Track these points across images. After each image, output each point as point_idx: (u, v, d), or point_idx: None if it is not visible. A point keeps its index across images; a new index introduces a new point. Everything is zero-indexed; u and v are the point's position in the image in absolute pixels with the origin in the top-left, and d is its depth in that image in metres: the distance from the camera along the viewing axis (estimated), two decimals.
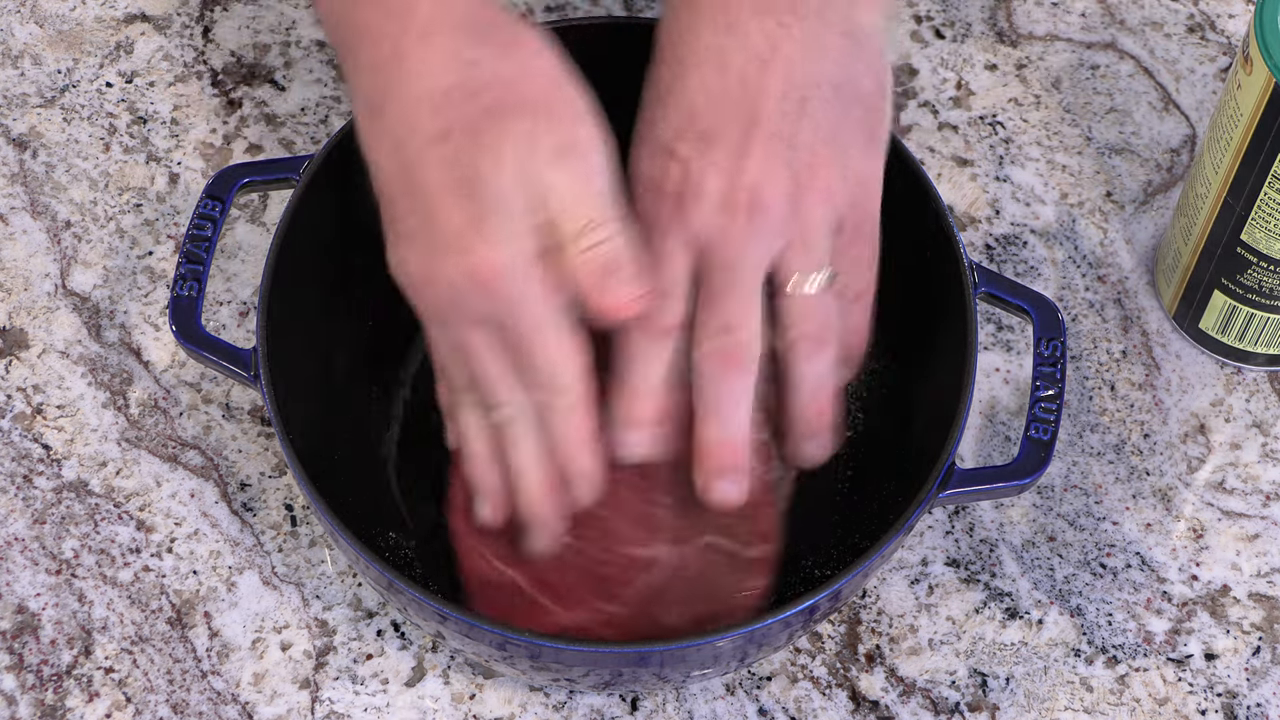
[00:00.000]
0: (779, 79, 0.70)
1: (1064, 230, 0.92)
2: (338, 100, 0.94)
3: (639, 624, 0.76)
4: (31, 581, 0.82)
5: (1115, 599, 0.83)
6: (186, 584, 0.82)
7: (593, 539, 0.75)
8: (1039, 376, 0.75)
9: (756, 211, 0.69)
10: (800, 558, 0.80)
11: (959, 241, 0.77)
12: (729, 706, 0.80)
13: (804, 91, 0.70)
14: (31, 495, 0.84)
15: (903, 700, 0.80)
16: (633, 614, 0.76)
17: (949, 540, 0.84)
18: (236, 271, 0.89)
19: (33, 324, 0.88)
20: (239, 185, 0.79)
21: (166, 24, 0.96)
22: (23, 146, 0.92)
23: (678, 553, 0.76)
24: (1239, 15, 0.98)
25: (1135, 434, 0.87)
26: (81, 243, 0.90)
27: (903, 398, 0.82)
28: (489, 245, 0.67)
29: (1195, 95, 0.96)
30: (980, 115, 0.95)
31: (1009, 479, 0.74)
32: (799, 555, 0.80)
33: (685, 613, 0.76)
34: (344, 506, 0.73)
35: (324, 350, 0.81)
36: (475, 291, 0.68)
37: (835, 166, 0.70)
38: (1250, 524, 0.85)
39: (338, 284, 0.81)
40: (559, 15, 0.97)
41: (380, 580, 0.72)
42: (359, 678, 0.80)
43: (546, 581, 0.76)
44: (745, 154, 0.70)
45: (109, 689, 0.80)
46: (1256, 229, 0.81)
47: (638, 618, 0.76)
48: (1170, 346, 0.89)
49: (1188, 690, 0.81)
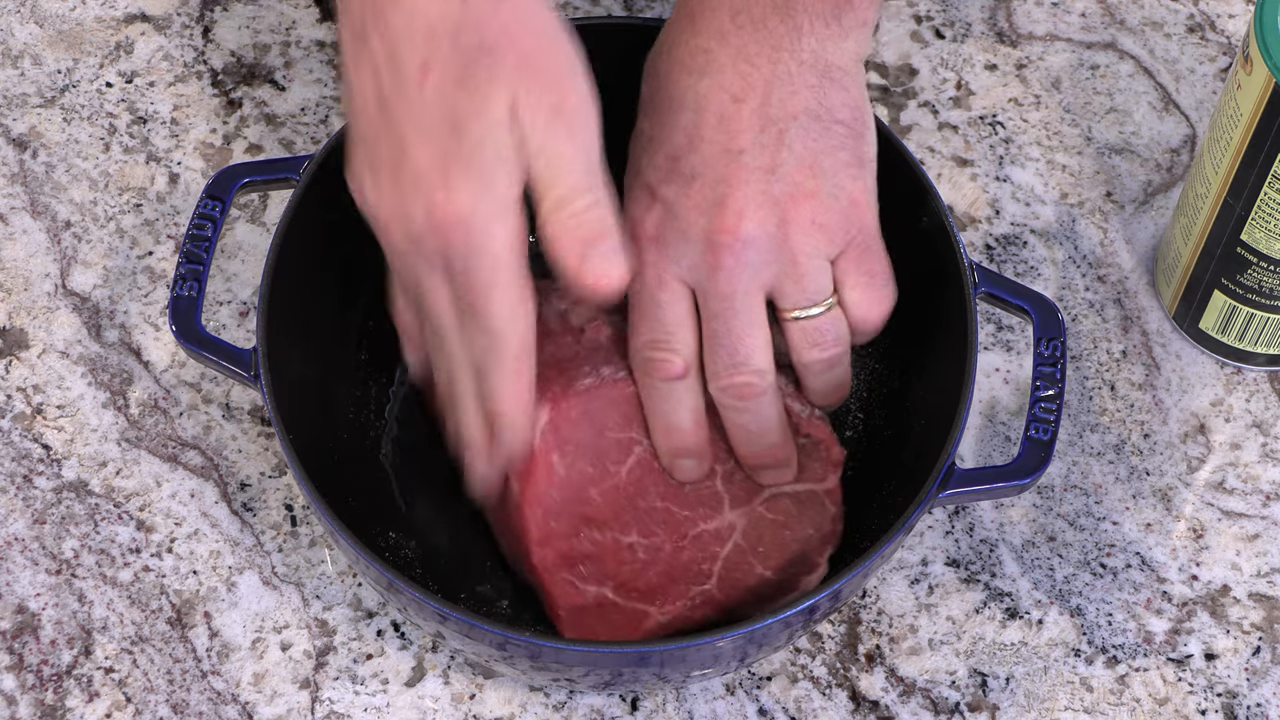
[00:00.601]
0: (756, 113, 0.71)
1: (1064, 230, 0.92)
2: (338, 100, 0.94)
3: (733, 593, 0.77)
4: (31, 581, 0.82)
5: (1115, 599, 0.83)
6: (186, 584, 0.82)
7: (662, 531, 0.76)
8: (1039, 376, 0.75)
9: (742, 246, 0.70)
10: None
11: (959, 241, 0.77)
12: (729, 706, 0.80)
13: (781, 124, 0.71)
14: (31, 495, 0.84)
15: (903, 700, 0.80)
16: (723, 585, 0.77)
17: (949, 540, 0.84)
18: (236, 271, 0.89)
19: (33, 324, 0.88)
20: (239, 185, 0.79)
21: (166, 24, 0.96)
22: (23, 146, 0.92)
23: (747, 512, 0.77)
24: (1239, 15, 0.98)
25: (1135, 434, 0.87)
26: (81, 243, 0.90)
27: (903, 398, 0.82)
28: (454, 190, 0.66)
29: (1195, 95, 0.96)
30: (980, 115, 0.95)
31: (1009, 479, 0.74)
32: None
33: (773, 564, 0.77)
34: (344, 506, 0.73)
35: (324, 350, 0.81)
36: (433, 234, 0.67)
37: (821, 193, 0.71)
38: (1250, 524, 0.85)
39: (338, 284, 0.81)
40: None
41: (380, 580, 0.72)
42: (359, 678, 0.80)
43: (635, 587, 0.76)
44: (727, 189, 0.70)
45: (109, 689, 0.80)
46: (1256, 229, 0.81)
47: (730, 587, 0.77)
48: (1170, 346, 0.89)
49: (1188, 690, 0.81)
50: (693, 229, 0.71)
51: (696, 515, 0.76)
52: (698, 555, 0.76)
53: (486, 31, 0.67)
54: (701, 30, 0.72)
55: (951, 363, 0.76)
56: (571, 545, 0.75)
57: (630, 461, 0.75)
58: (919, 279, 0.79)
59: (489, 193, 0.67)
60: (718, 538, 0.76)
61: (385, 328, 0.84)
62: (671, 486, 0.76)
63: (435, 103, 0.66)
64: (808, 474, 0.77)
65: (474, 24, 0.67)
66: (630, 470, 0.75)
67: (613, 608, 0.76)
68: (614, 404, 0.74)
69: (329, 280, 0.81)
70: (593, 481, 0.75)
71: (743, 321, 0.71)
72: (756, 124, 0.71)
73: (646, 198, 0.72)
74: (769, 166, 0.70)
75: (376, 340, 0.84)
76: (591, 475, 0.74)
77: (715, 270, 0.70)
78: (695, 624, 0.77)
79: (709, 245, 0.70)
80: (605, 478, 0.75)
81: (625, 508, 0.75)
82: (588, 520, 0.75)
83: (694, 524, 0.76)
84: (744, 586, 0.77)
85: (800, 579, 0.78)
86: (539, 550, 0.74)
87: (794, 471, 0.77)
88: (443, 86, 0.66)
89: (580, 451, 0.74)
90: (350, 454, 0.81)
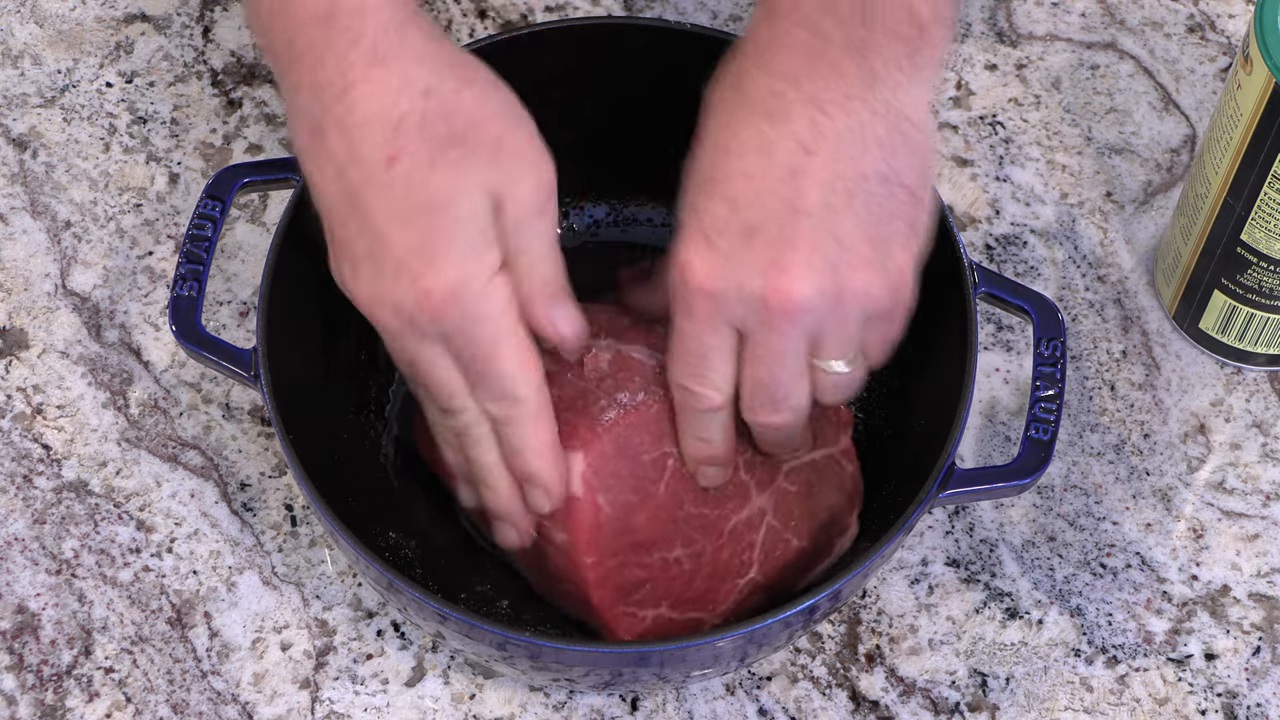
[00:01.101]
0: (825, 169, 0.68)
1: (1064, 230, 0.92)
2: None
3: (775, 572, 0.78)
4: (31, 581, 0.82)
5: (1115, 599, 0.83)
6: (186, 584, 0.82)
7: (701, 536, 0.76)
8: (1039, 376, 0.75)
9: (799, 311, 0.68)
10: None
11: (959, 241, 0.77)
12: (729, 706, 0.80)
13: (850, 183, 0.68)
14: (31, 495, 0.84)
15: (903, 700, 0.80)
16: (764, 569, 0.78)
17: (949, 540, 0.84)
18: (236, 271, 0.89)
19: (33, 324, 0.88)
20: (239, 185, 0.78)
21: (166, 24, 0.96)
22: (23, 146, 0.92)
23: (772, 491, 0.77)
24: (1239, 15, 0.98)
25: (1135, 434, 0.87)
26: (81, 243, 0.90)
27: (903, 398, 0.82)
28: (440, 270, 0.67)
29: (1195, 95, 0.96)
30: (980, 115, 0.95)
31: (1009, 479, 0.74)
32: None
33: (806, 534, 0.78)
34: (344, 506, 0.73)
35: (324, 350, 0.81)
36: (427, 313, 0.68)
37: (876, 264, 0.69)
38: (1250, 524, 0.85)
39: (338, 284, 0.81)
40: (559, 15, 0.97)
41: (380, 580, 0.72)
42: (359, 678, 0.80)
43: (687, 598, 0.77)
44: (790, 251, 0.68)
45: (109, 689, 0.80)
46: (1256, 229, 0.81)
47: (771, 568, 0.78)
48: (1170, 346, 0.89)
49: (1188, 690, 0.81)
50: (748, 285, 0.69)
51: (728, 510, 0.76)
52: (737, 549, 0.77)
53: (455, 123, 0.67)
54: (775, 70, 0.69)
55: (951, 363, 0.76)
56: (625, 577, 0.75)
57: (666, 476, 0.75)
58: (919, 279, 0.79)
59: (476, 262, 0.68)
60: (751, 526, 0.77)
61: None
62: (693, 487, 0.76)
63: (407, 188, 0.67)
64: (821, 440, 0.78)
65: (440, 116, 0.67)
66: (667, 484, 0.75)
67: (670, 624, 0.76)
68: (642, 427, 0.74)
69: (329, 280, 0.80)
70: (637, 509, 0.74)
71: (790, 372, 0.71)
72: (825, 178, 0.68)
73: (703, 245, 0.69)
74: (833, 228, 0.68)
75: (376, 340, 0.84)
76: (635, 503, 0.74)
77: (769, 330, 0.69)
78: (748, 611, 0.78)
79: (765, 305, 0.69)
80: (647, 500, 0.74)
81: (667, 523, 0.75)
82: (636, 547, 0.75)
83: (727, 519, 0.76)
84: (784, 563, 0.78)
85: (834, 542, 0.79)
86: (598, 593, 0.74)
87: (809, 444, 0.77)
88: (413, 173, 0.67)
89: (621, 484, 0.74)
90: (350, 454, 0.81)
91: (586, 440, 0.73)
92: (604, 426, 0.73)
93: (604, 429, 0.73)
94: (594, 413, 0.73)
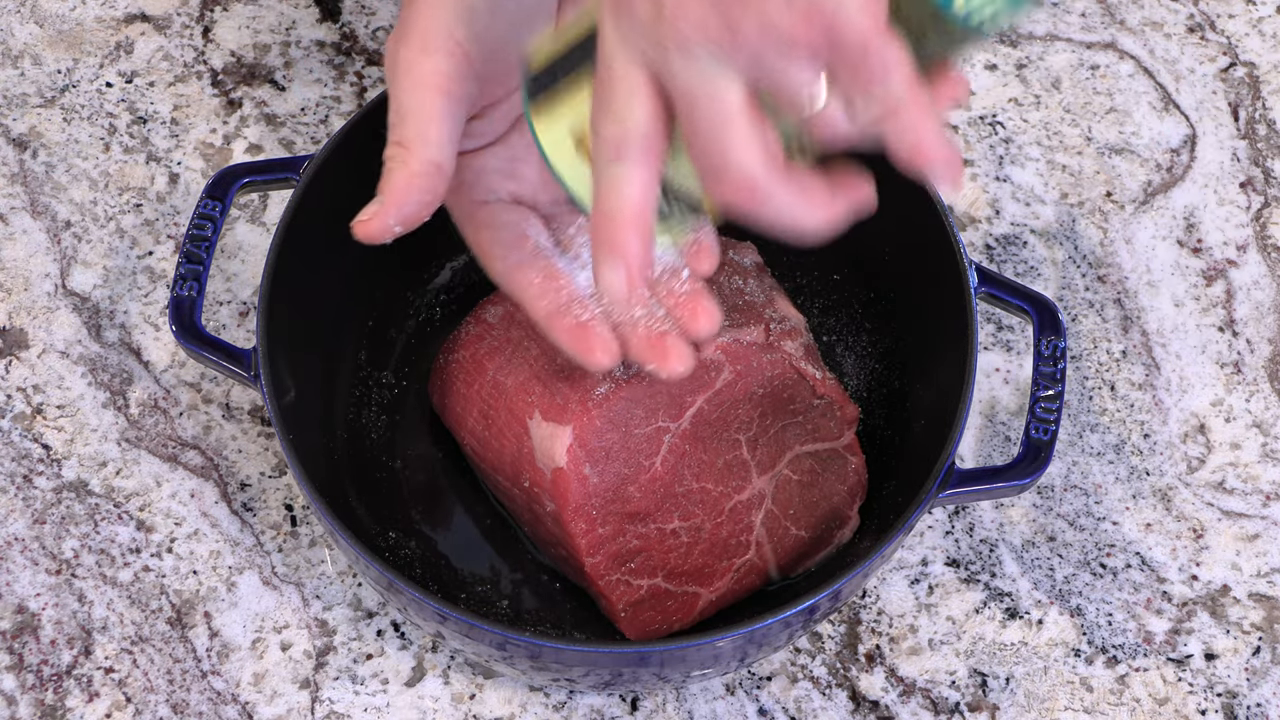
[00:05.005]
0: None
1: (1064, 230, 0.92)
2: (338, 100, 0.94)
3: (773, 557, 0.79)
4: (31, 581, 0.82)
5: (1115, 599, 0.83)
6: (186, 584, 0.82)
7: (700, 511, 0.77)
8: (1039, 376, 0.75)
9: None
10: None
11: (959, 241, 0.77)
12: (729, 706, 0.80)
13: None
14: (31, 495, 0.84)
15: (903, 700, 0.80)
16: (763, 552, 0.78)
17: (949, 540, 0.84)
18: (236, 271, 0.89)
19: (33, 324, 0.88)
20: (239, 185, 0.79)
21: (166, 24, 0.96)
22: (23, 146, 0.92)
23: (773, 477, 0.78)
24: (1239, 15, 0.98)
25: (1135, 434, 0.87)
26: (81, 243, 0.90)
27: (903, 398, 0.82)
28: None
29: (1195, 95, 0.96)
30: (980, 115, 0.95)
31: (1009, 479, 0.74)
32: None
33: (806, 524, 0.79)
34: (344, 506, 0.73)
35: (324, 350, 0.81)
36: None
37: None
38: (1250, 524, 0.85)
39: (338, 284, 0.81)
40: None
41: (380, 580, 0.72)
42: (359, 678, 0.80)
43: (683, 570, 0.78)
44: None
45: (109, 689, 0.80)
46: None
47: (769, 553, 0.79)
48: (1170, 346, 0.89)
49: (1188, 690, 0.81)
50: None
51: (730, 489, 0.77)
52: (736, 529, 0.78)
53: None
54: None
55: (951, 363, 0.76)
56: (619, 545, 0.76)
57: (663, 451, 0.75)
58: (919, 279, 0.79)
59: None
60: (751, 507, 0.77)
61: (385, 327, 0.84)
62: (704, 465, 0.77)
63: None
64: (825, 434, 0.79)
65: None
66: (664, 459, 0.75)
67: (666, 595, 0.77)
68: (635, 402, 0.74)
69: (329, 280, 0.81)
70: (629, 480, 0.75)
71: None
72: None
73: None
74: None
75: (376, 340, 0.84)
76: (627, 475, 0.75)
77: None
78: (743, 595, 0.79)
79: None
80: (641, 472, 0.75)
81: (664, 496, 0.76)
82: (631, 517, 0.76)
83: (728, 497, 0.77)
84: (782, 550, 0.79)
85: (834, 534, 0.80)
86: (590, 560, 0.75)
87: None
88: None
89: (611, 456, 0.74)
90: (350, 454, 0.81)
91: (576, 414, 0.74)
92: (594, 400, 0.74)
93: (594, 403, 0.74)
94: (586, 385, 0.74)
